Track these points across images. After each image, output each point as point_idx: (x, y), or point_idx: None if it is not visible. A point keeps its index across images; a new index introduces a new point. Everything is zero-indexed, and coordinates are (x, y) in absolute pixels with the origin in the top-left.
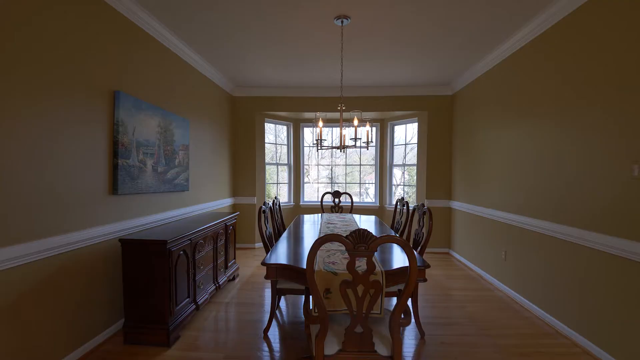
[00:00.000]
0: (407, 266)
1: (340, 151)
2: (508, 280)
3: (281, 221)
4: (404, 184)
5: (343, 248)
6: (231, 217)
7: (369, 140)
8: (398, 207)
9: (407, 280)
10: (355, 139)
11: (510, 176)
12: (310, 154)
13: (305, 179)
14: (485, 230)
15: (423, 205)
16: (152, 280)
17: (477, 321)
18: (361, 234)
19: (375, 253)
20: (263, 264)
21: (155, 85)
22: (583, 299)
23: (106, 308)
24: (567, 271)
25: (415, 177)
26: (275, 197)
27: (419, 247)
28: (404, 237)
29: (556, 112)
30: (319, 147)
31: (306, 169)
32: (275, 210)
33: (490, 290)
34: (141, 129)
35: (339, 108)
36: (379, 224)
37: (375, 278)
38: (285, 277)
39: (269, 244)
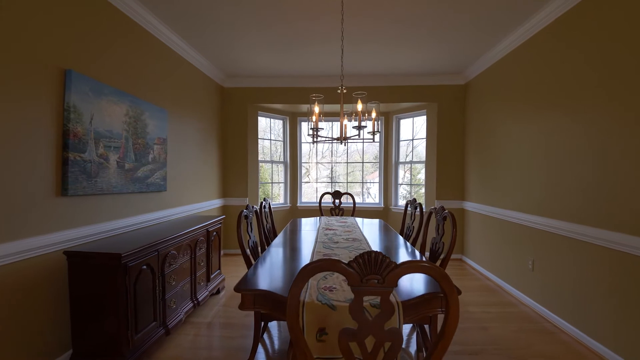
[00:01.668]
0: (429, 293)
1: (341, 143)
2: (536, 294)
3: (271, 227)
4: (410, 183)
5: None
6: (215, 222)
7: (375, 129)
8: (409, 209)
9: (442, 330)
10: (360, 127)
11: (539, 173)
12: (310, 153)
13: (305, 179)
14: (506, 234)
15: (443, 208)
16: (104, 302)
17: (505, 347)
18: (373, 260)
19: None
20: (237, 290)
21: (124, 68)
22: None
23: (49, 337)
24: (614, 285)
25: (417, 175)
26: (264, 199)
27: (439, 261)
28: (417, 245)
29: (599, 100)
30: (315, 139)
31: (305, 168)
32: (265, 214)
33: (515, 305)
34: (102, 117)
35: (339, 90)
36: (386, 230)
37: (393, 325)
38: (268, 308)
39: (253, 258)
